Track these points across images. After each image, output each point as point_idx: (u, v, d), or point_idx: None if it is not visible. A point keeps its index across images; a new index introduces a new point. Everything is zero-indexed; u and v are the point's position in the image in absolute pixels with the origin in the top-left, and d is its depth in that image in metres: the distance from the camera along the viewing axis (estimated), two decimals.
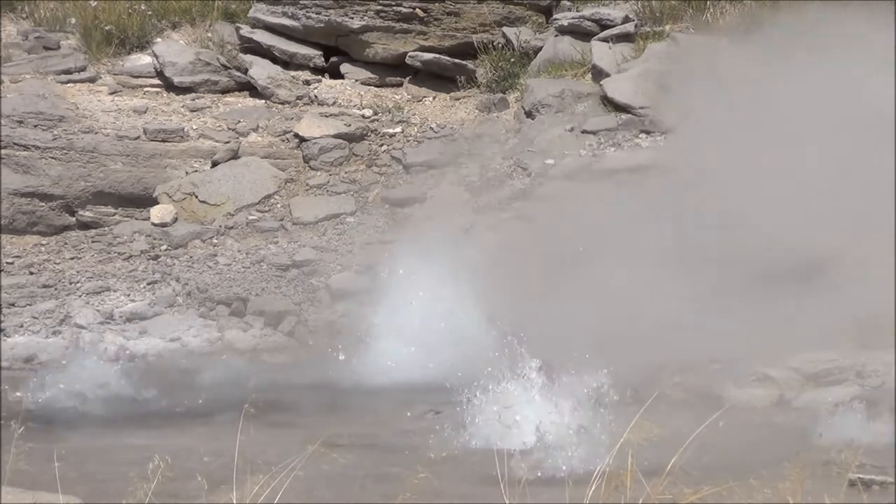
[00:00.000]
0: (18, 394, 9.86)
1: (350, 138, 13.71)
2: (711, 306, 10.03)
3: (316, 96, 14.21)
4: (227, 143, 13.66)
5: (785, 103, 11.76)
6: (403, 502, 5.38)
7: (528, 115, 13.69)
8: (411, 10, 14.26)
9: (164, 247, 12.84)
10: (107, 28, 14.40)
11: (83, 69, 14.23)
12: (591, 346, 8.44)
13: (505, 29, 14.34)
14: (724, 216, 11.01)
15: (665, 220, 11.10)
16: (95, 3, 14.53)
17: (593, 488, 5.07)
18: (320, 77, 14.48)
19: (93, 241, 13.02)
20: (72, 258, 12.81)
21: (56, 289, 12.26)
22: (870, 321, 9.74)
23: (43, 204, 13.19)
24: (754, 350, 9.61)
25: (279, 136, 13.79)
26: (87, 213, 13.27)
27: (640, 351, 9.26)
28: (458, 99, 14.18)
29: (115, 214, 13.28)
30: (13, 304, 11.99)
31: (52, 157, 13.29)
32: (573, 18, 14.24)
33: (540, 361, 8.40)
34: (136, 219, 13.22)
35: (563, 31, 14.25)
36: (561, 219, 11.61)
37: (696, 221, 11.08)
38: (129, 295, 12.09)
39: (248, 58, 14.47)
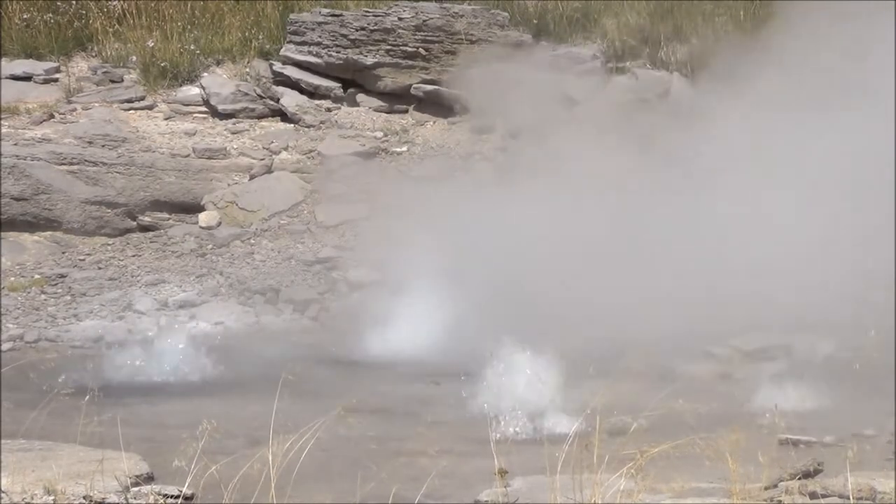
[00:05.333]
0: (88, 368, 9.85)
1: (364, 156, 13.69)
2: None
3: (336, 121, 14.19)
4: (263, 160, 13.64)
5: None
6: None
7: (512, 136, 13.69)
8: (415, 49, 14.24)
9: (209, 246, 12.81)
10: (162, 64, 14.37)
11: (142, 99, 14.20)
12: None
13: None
14: None
15: None
16: (153, 44, 14.50)
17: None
18: (340, 105, 14.44)
19: (151, 242, 12.99)
20: (133, 255, 12.78)
21: (120, 281, 12.24)
22: None
23: (109, 210, 13.17)
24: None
25: (306, 154, 13.77)
26: (146, 218, 13.25)
27: None
28: (454, 123, 14.15)
29: (169, 219, 13.26)
30: (84, 294, 11.95)
31: (117, 172, 13.27)
32: (550, 56, 14.21)
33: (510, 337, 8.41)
34: (187, 223, 13.19)
35: None
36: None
37: None
38: (181, 286, 12.06)
39: (280, 89, 14.44)
